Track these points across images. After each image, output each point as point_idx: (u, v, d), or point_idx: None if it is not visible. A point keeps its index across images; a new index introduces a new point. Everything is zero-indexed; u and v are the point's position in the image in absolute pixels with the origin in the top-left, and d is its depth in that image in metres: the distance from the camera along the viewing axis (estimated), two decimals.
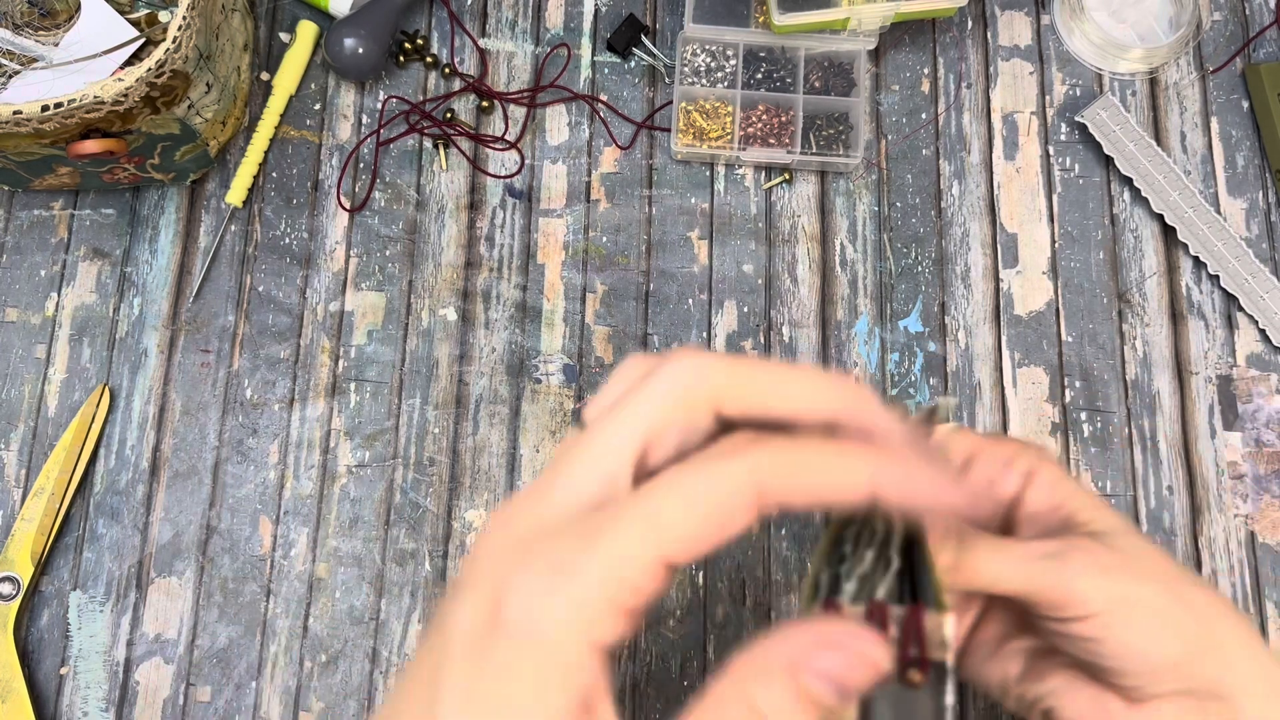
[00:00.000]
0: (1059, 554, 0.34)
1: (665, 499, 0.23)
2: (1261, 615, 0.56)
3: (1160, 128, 0.63)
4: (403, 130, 0.62)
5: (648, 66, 0.63)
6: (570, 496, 0.25)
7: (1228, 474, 0.58)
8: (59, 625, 0.54)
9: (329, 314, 0.59)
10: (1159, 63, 0.64)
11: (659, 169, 0.62)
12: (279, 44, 0.63)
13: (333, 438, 0.57)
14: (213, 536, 0.55)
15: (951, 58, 0.64)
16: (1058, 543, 0.34)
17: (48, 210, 0.59)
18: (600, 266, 0.60)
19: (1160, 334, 0.60)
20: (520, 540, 0.24)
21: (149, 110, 0.51)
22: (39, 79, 0.54)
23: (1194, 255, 0.60)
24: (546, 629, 0.22)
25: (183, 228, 0.60)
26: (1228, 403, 0.59)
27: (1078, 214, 0.62)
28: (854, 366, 0.59)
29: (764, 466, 0.24)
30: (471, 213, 0.61)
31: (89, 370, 0.57)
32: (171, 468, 0.56)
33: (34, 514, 0.53)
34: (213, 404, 0.57)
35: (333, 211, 0.60)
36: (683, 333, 0.59)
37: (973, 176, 0.62)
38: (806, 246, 0.61)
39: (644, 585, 0.23)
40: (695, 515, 0.23)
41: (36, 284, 0.58)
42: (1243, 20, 0.65)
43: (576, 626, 0.22)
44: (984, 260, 0.61)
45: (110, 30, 0.55)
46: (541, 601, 0.22)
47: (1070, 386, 0.59)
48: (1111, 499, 0.57)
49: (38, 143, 0.51)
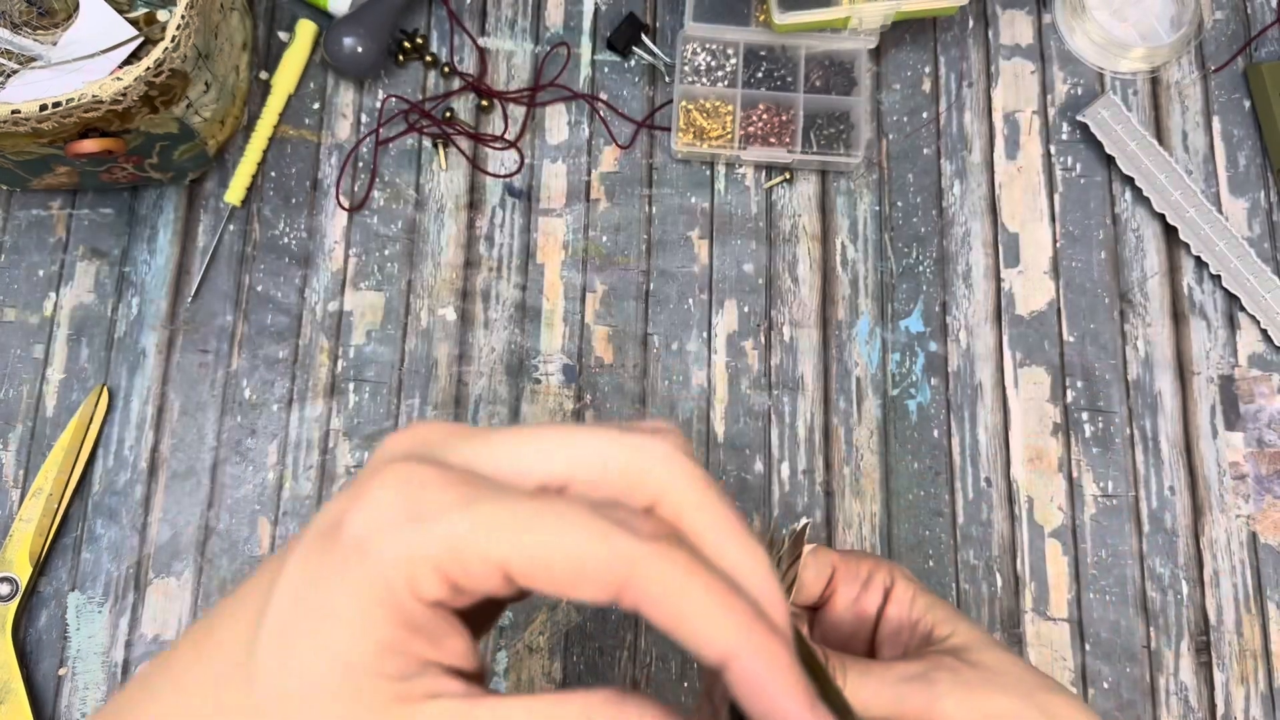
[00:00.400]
0: (923, 675, 0.35)
1: (551, 514, 0.22)
2: (1264, 616, 0.56)
3: (1162, 127, 0.63)
4: (402, 129, 0.61)
5: (648, 65, 0.63)
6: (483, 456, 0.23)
7: (1229, 474, 0.58)
8: (57, 626, 0.54)
9: (328, 314, 0.59)
10: (1160, 62, 0.63)
11: (659, 168, 0.62)
12: (278, 43, 0.62)
13: (331, 438, 0.57)
14: (211, 537, 0.55)
15: (953, 56, 0.64)
16: (921, 663, 0.36)
17: (46, 210, 0.59)
18: (600, 266, 0.60)
19: (1162, 334, 0.60)
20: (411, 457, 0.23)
21: (147, 109, 0.51)
22: (37, 78, 0.54)
23: (1195, 255, 0.60)
24: (382, 555, 0.21)
25: (181, 227, 0.59)
26: (1229, 403, 0.59)
27: (1079, 213, 0.61)
28: (855, 366, 0.59)
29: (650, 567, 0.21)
30: (471, 212, 0.61)
31: (87, 370, 0.57)
32: (170, 468, 0.56)
33: (32, 514, 0.53)
34: (211, 404, 0.57)
35: (331, 211, 0.60)
36: (683, 332, 0.59)
37: (974, 176, 0.62)
38: (807, 246, 0.61)
39: (478, 574, 0.21)
40: (550, 547, 0.21)
41: (35, 284, 0.58)
42: (1244, 19, 0.65)
43: (406, 565, 0.21)
44: (985, 260, 0.61)
45: (109, 29, 0.55)
46: (385, 531, 0.21)
47: (1072, 387, 0.59)
48: (1113, 499, 0.57)
49: (36, 142, 0.51)
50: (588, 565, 0.21)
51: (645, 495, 0.23)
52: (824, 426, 0.58)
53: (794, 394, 0.58)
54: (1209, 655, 0.55)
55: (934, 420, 0.58)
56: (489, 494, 0.22)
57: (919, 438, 0.58)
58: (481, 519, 0.21)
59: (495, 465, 0.23)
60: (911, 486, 0.57)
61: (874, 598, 0.40)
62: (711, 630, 0.21)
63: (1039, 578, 0.56)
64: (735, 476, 0.57)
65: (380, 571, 0.21)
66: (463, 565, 0.21)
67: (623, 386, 0.58)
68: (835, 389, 0.59)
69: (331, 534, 0.22)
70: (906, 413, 0.58)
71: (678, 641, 0.21)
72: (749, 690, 0.20)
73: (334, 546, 0.22)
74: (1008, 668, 0.36)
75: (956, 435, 0.58)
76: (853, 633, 0.40)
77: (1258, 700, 0.55)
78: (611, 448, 0.23)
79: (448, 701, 0.22)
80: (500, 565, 0.21)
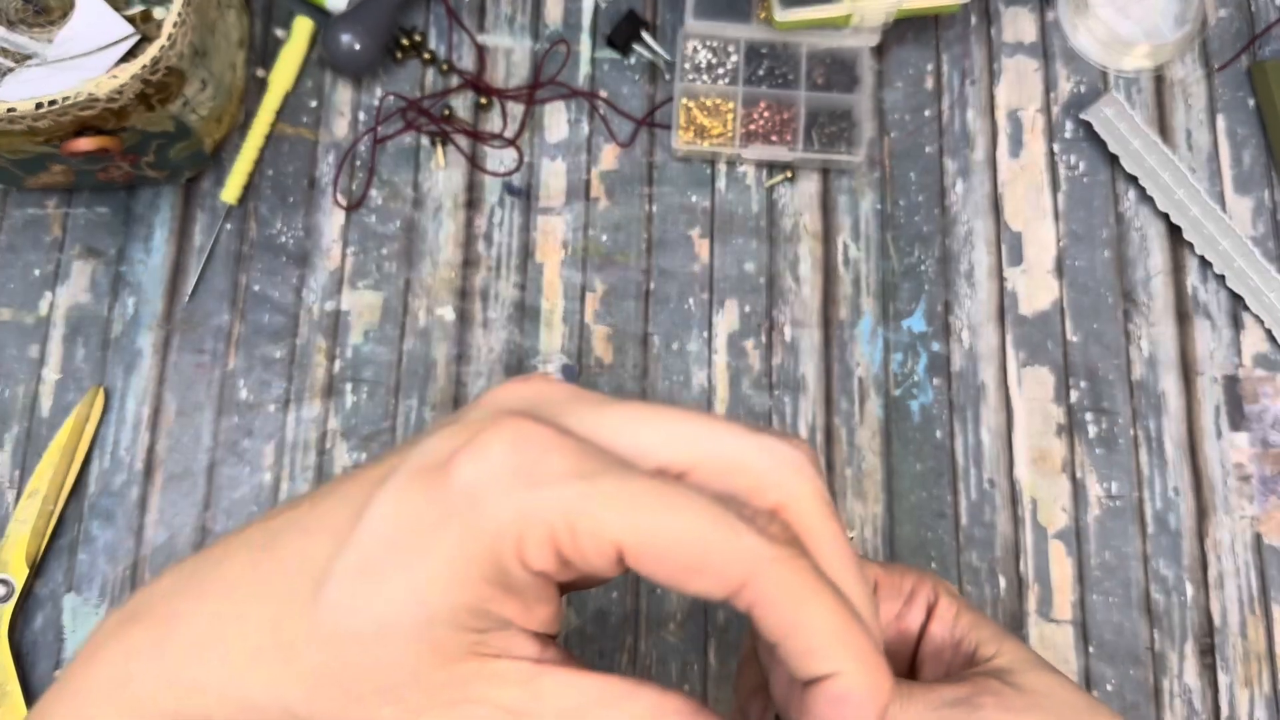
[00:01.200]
0: (967, 700, 0.34)
1: (678, 498, 0.21)
2: (1268, 618, 0.55)
3: (1166, 125, 0.63)
4: (400, 128, 0.61)
5: (648, 63, 0.63)
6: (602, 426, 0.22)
7: (1234, 475, 0.57)
8: (53, 628, 0.53)
9: (325, 313, 0.58)
10: (1164, 59, 0.63)
11: (659, 166, 0.61)
12: (274, 40, 0.62)
13: (329, 439, 0.56)
14: (208, 539, 0.55)
15: (955, 54, 0.64)
16: (965, 687, 0.34)
17: (41, 209, 0.59)
18: (600, 265, 0.60)
19: (1166, 334, 0.59)
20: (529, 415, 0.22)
21: (143, 107, 0.51)
22: (33, 76, 0.53)
23: (1199, 255, 0.60)
24: (490, 511, 0.20)
25: (178, 226, 0.59)
26: (1234, 404, 0.58)
27: (1083, 212, 0.61)
28: (857, 366, 0.58)
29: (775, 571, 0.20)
30: (469, 211, 0.60)
31: (83, 370, 0.57)
32: (166, 469, 0.55)
33: (28, 516, 0.53)
34: (207, 405, 0.57)
35: (329, 210, 0.60)
36: (683, 332, 0.59)
37: (977, 174, 0.62)
38: (809, 245, 0.60)
39: (590, 549, 0.20)
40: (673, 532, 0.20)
41: (30, 283, 0.58)
42: (1248, 17, 0.65)
43: (515, 527, 0.20)
44: (988, 259, 0.60)
45: (105, 26, 0.55)
46: (498, 486, 0.20)
47: (1075, 387, 0.58)
48: (1117, 501, 0.57)
49: (32, 140, 0.50)
50: (712, 557, 0.20)
51: (769, 500, 0.22)
52: (826, 427, 0.58)
53: (795, 394, 0.58)
54: (1213, 658, 0.55)
55: (937, 421, 0.58)
56: (611, 468, 0.21)
57: (921, 439, 0.57)
58: (603, 492, 0.20)
59: (615, 439, 0.22)
60: (914, 488, 0.57)
61: (917, 614, 0.38)
62: (827, 646, 0.20)
63: (1043, 580, 0.56)
64: None
65: (489, 527, 0.20)
66: (575, 538, 0.20)
67: (623, 387, 0.58)
68: (837, 389, 0.58)
69: (436, 475, 0.21)
70: (909, 413, 0.58)
71: (781, 649, 0.21)
72: (843, 712, 0.20)
73: (440, 489, 0.21)
74: (1054, 691, 0.35)
75: (959, 436, 0.57)
76: (894, 651, 0.39)
77: (1262, 703, 0.54)
78: (743, 444, 0.22)
79: (520, 663, 0.21)
80: (615, 543, 0.20)
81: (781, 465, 0.22)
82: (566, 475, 0.20)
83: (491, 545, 0.20)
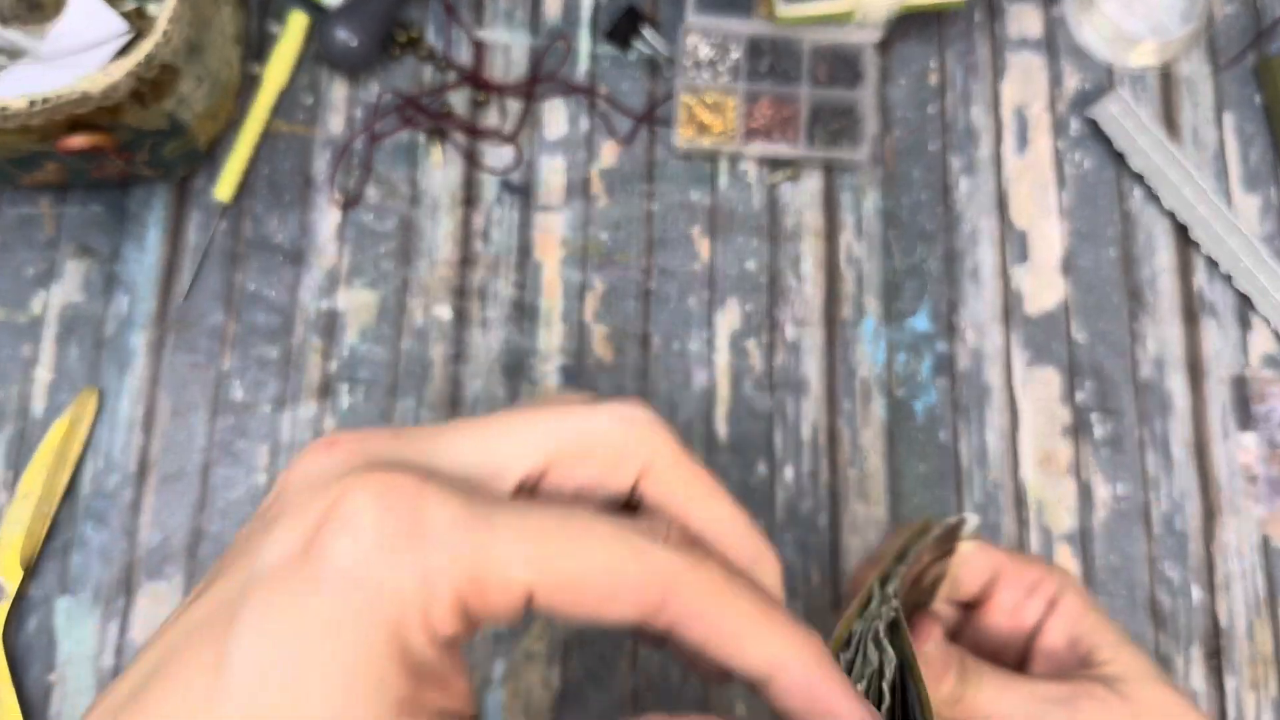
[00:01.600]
0: (1068, 700, 0.33)
1: (577, 527, 0.19)
2: (1275, 621, 0.55)
3: (1172, 123, 0.62)
4: (396, 125, 0.60)
5: (648, 59, 0.62)
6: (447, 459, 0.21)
7: (1241, 476, 0.57)
8: (47, 631, 0.53)
9: (320, 313, 0.57)
10: (1170, 56, 0.62)
11: (660, 164, 0.60)
12: (269, 35, 0.61)
13: None
14: (202, 541, 0.54)
15: (959, 50, 0.63)
16: (1069, 686, 0.34)
17: (35, 207, 0.58)
18: (599, 264, 0.59)
19: (1173, 334, 0.59)
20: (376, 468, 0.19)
21: (138, 105, 0.50)
22: (25, 73, 0.53)
23: (1206, 254, 0.59)
24: (386, 588, 0.18)
25: (172, 225, 0.58)
26: (1241, 404, 0.58)
27: (1089, 210, 0.60)
28: (860, 366, 0.58)
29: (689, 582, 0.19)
30: (467, 208, 0.59)
31: (76, 370, 0.56)
32: (160, 470, 0.55)
33: (22, 517, 0.52)
34: (202, 405, 0.56)
35: (324, 208, 0.59)
36: (684, 332, 0.58)
37: (982, 172, 0.61)
38: (811, 243, 0.60)
39: (497, 600, 0.18)
40: (582, 565, 0.19)
41: (23, 282, 0.57)
42: (1254, 13, 0.64)
43: (420, 596, 0.18)
44: (993, 258, 0.60)
45: (98, 22, 0.54)
46: (385, 556, 0.18)
47: (1081, 387, 0.58)
48: (1124, 502, 0.56)
49: (25, 138, 0.50)
50: (627, 579, 0.19)
51: (632, 468, 0.22)
52: (828, 428, 0.57)
53: (798, 395, 0.57)
54: (1219, 660, 0.54)
55: (941, 422, 0.57)
56: (498, 505, 0.19)
57: (925, 440, 0.57)
58: (503, 539, 0.18)
59: (463, 464, 0.20)
60: (918, 489, 0.56)
61: (1036, 607, 0.37)
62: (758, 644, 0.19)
63: None
64: (738, 479, 0.56)
65: (388, 609, 0.17)
66: (484, 593, 0.18)
67: (623, 387, 0.57)
68: (840, 390, 0.57)
69: (301, 570, 0.18)
70: (913, 414, 0.57)
71: (716, 658, 0.20)
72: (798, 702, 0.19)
73: (311, 586, 0.17)
74: (1163, 706, 0.34)
75: (964, 437, 0.57)
76: (1006, 641, 0.38)
77: (1269, 706, 0.54)
78: (588, 423, 0.22)
79: None
80: (526, 587, 0.18)
81: (630, 430, 0.22)
82: (455, 524, 0.18)
83: (396, 629, 0.17)
